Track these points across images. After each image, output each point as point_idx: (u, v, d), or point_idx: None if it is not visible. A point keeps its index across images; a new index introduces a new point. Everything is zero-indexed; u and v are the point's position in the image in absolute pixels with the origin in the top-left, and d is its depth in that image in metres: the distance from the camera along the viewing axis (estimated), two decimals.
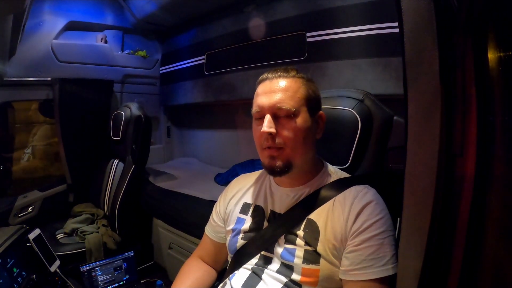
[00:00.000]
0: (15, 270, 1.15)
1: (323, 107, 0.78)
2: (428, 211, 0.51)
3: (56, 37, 2.08)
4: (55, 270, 1.33)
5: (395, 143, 0.84)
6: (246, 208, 0.82)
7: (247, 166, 2.01)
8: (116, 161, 2.03)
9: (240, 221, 0.81)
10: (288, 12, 1.75)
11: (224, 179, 2.01)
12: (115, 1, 2.40)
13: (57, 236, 1.76)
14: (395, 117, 0.85)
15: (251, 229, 0.78)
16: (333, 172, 0.78)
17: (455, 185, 0.51)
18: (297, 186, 0.76)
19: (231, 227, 0.82)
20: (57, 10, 2.11)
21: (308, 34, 1.65)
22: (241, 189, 0.87)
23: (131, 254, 1.60)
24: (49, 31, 2.06)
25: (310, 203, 0.72)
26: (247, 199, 0.84)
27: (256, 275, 0.73)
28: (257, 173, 0.89)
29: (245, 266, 0.76)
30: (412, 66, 0.51)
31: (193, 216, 1.61)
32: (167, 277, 1.88)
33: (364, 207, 0.66)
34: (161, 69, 2.73)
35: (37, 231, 1.35)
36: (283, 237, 0.72)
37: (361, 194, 0.69)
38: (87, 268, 1.47)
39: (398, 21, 0.52)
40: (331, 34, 1.55)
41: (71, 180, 2.12)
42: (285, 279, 0.69)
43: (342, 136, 0.84)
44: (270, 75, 0.73)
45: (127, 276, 1.58)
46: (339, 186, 0.73)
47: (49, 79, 2.02)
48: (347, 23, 1.48)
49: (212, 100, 2.29)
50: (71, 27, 2.18)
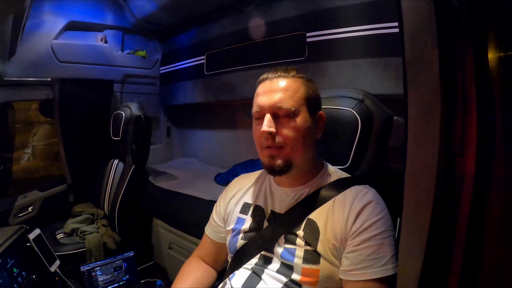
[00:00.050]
0: (15, 270, 1.15)
1: (323, 107, 0.78)
2: (428, 211, 0.51)
3: (56, 37, 2.09)
4: (55, 270, 1.33)
5: (395, 143, 0.84)
6: (246, 208, 0.82)
7: (247, 166, 2.01)
8: (116, 161, 2.03)
9: (240, 221, 0.81)
10: (288, 12, 1.75)
11: (224, 179, 2.01)
12: (115, 1, 2.40)
13: (57, 236, 1.76)
14: (395, 117, 0.85)
15: (251, 229, 0.78)
16: (333, 172, 0.78)
17: (455, 185, 0.51)
18: (297, 186, 0.76)
19: (231, 227, 0.82)
20: (57, 10, 2.11)
21: (308, 34, 1.65)
22: (241, 189, 0.87)
23: (131, 254, 1.60)
24: (49, 31, 2.06)
25: (310, 203, 0.72)
26: (247, 199, 0.84)
27: (256, 275, 0.73)
28: (257, 173, 0.89)
29: (245, 266, 0.76)
30: (412, 66, 0.51)
31: (193, 216, 1.62)
32: (167, 277, 1.88)
33: (364, 207, 0.66)
34: (161, 69, 2.73)
35: (37, 231, 1.35)
36: (283, 237, 0.72)
37: (361, 194, 0.69)
38: (87, 268, 1.47)
39: (398, 21, 0.52)
40: (331, 34, 1.55)
41: (71, 180, 2.11)
42: (285, 279, 0.69)
43: (342, 136, 0.84)
44: (270, 75, 0.73)
45: (127, 276, 1.58)
46: (339, 186, 0.73)
47: (49, 79, 2.02)
48: (347, 23, 1.48)
49: (212, 100, 2.29)
50: (71, 27, 2.18)
